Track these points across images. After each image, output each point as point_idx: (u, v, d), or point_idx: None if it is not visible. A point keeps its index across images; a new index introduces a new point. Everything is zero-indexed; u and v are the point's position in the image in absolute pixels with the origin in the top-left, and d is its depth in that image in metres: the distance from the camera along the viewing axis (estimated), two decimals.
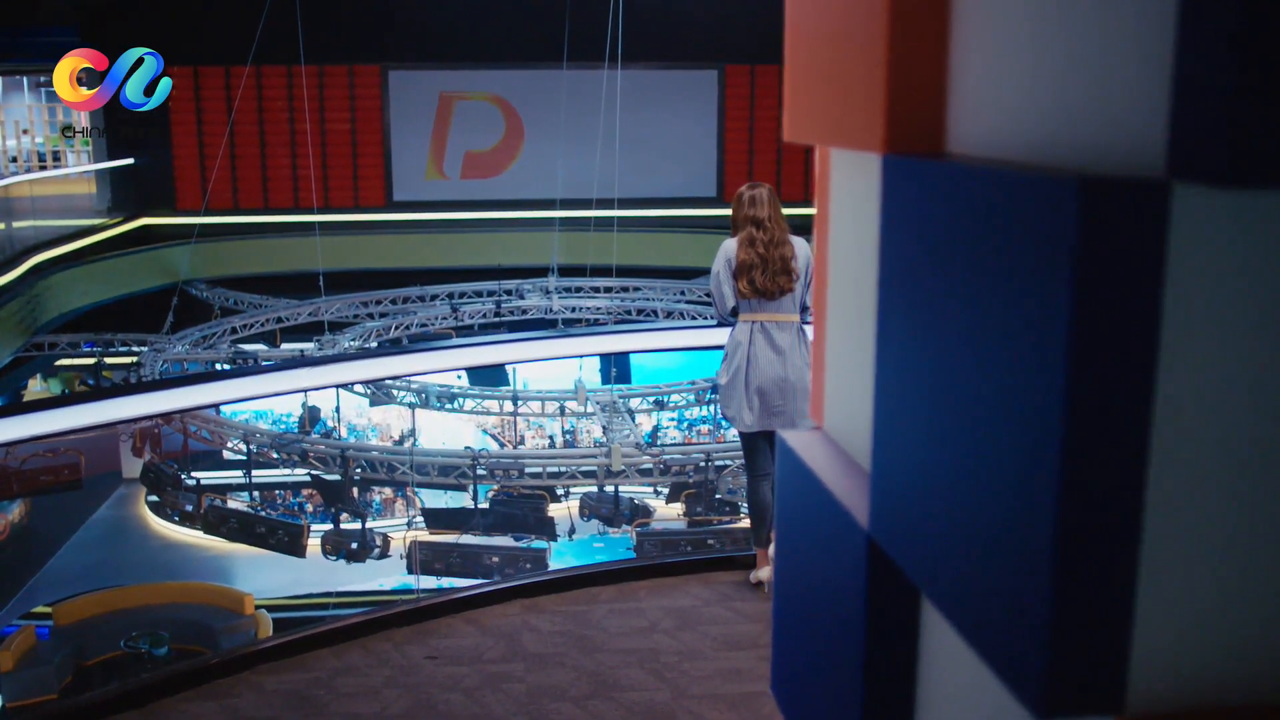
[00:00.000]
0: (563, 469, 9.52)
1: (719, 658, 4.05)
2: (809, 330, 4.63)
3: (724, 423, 17.43)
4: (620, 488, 10.27)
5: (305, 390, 5.15)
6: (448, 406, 11.72)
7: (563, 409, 11.71)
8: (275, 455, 11.07)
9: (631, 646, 4.14)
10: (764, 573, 4.57)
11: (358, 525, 10.53)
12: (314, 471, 10.54)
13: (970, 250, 1.25)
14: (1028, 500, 1.08)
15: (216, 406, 9.36)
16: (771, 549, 4.51)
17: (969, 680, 1.38)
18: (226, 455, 13.59)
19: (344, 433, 14.23)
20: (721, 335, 6.07)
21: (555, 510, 10.47)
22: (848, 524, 1.73)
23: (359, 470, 9.92)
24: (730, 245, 4.59)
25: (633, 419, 11.22)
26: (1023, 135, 1.30)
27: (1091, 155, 1.13)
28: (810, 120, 2.05)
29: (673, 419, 14.91)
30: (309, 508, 16.34)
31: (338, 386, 8.58)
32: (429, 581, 10.65)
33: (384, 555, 9.99)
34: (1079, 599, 1.05)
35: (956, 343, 1.30)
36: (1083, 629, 1.05)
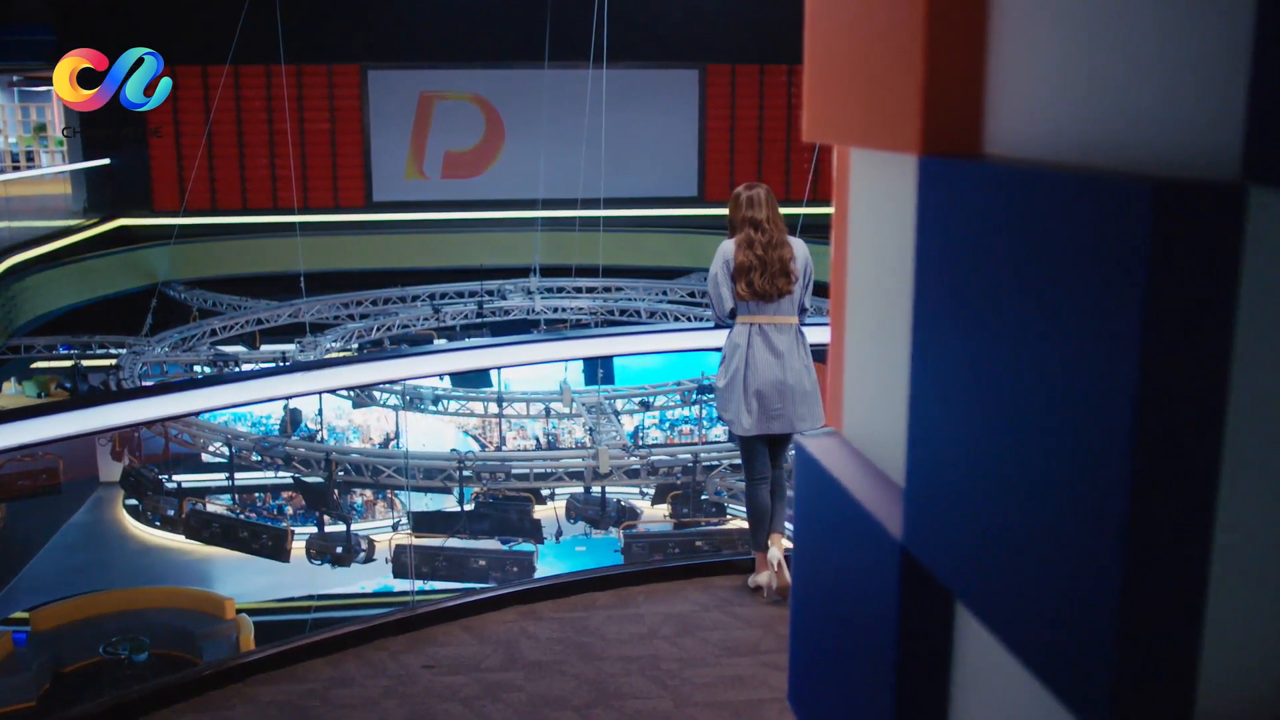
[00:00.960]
0: (550, 470, 9.46)
1: (721, 664, 4.00)
2: (808, 333, 4.60)
3: (705, 423, 17.42)
4: (606, 489, 10.21)
5: (298, 395, 5.08)
6: (432, 409, 11.63)
7: (548, 410, 11.65)
8: (256, 458, 10.95)
9: (632, 653, 4.09)
10: (763, 577, 4.52)
11: (341, 529, 10.44)
12: (298, 475, 10.44)
13: (1026, 254, 1.21)
14: (1093, 514, 1.04)
15: (208, 412, 9.28)
16: (771, 553, 4.47)
17: (1007, 689, 1.35)
18: (205, 458, 13.47)
19: (324, 435, 14.13)
20: (708, 336, 6.04)
21: (541, 512, 10.41)
22: (878, 534, 1.69)
23: (342, 473, 9.82)
24: (728, 247, 4.54)
25: (618, 420, 11.17)
26: (1069, 136, 1.27)
27: (1152, 157, 1.10)
28: (833, 121, 2.01)
29: (654, 419, 14.87)
30: (289, 510, 16.22)
31: (328, 391, 8.50)
32: (430, 585, 10.59)
33: (369, 559, 9.91)
34: (1147, 617, 1.01)
35: (1009, 349, 1.26)
36: (1151, 648, 1.02)
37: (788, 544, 4.36)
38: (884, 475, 1.89)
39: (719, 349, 4.74)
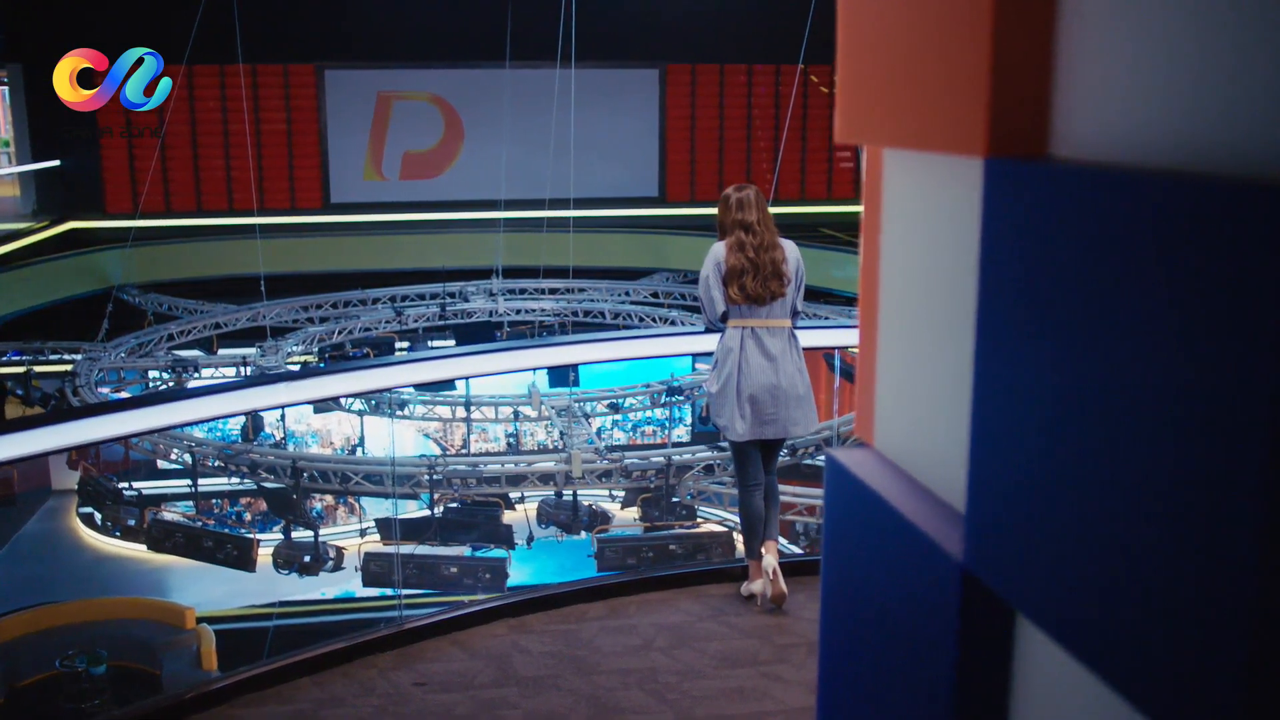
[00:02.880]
0: (523, 473, 9.34)
1: (720, 676, 3.92)
2: (800, 336, 4.53)
3: (670, 424, 17.35)
4: (577, 492, 10.11)
5: (282, 406, 4.93)
6: (398, 414, 11.46)
7: (517, 414, 11.52)
8: (212, 464, 10.72)
9: (628, 666, 3.99)
10: (757, 585, 4.45)
11: (307, 537, 10.24)
12: (262, 482, 10.24)
13: (1123, 262, 1.14)
14: (1208, 540, 0.97)
15: (191, 425, 9.08)
16: (767, 561, 4.40)
17: (1070, 702, 1.29)
18: (162, 465, 13.19)
19: (279, 438, 13.90)
20: (697, 341, 5.96)
21: (511, 517, 10.28)
22: (932, 553, 1.61)
23: (307, 478, 9.63)
24: (719, 249, 4.45)
25: (589, 423, 11.07)
26: (1141, 136, 1.20)
27: (1248, 158, 1.04)
28: (872, 122, 1.93)
29: (616, 420, 14.77)
30: (247, 516, 15.94)
31: (289, 406, 8.33)
32: (394, 590, 10.40)
33: (338, 568, 9.73)
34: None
35: (1098, 361, 1.18)
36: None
37: (793, 548, 4.29)
38: (927, 490, 1.82)
39: (704, 353, 4.66)
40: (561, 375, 10.96)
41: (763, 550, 4.43)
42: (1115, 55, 1.27)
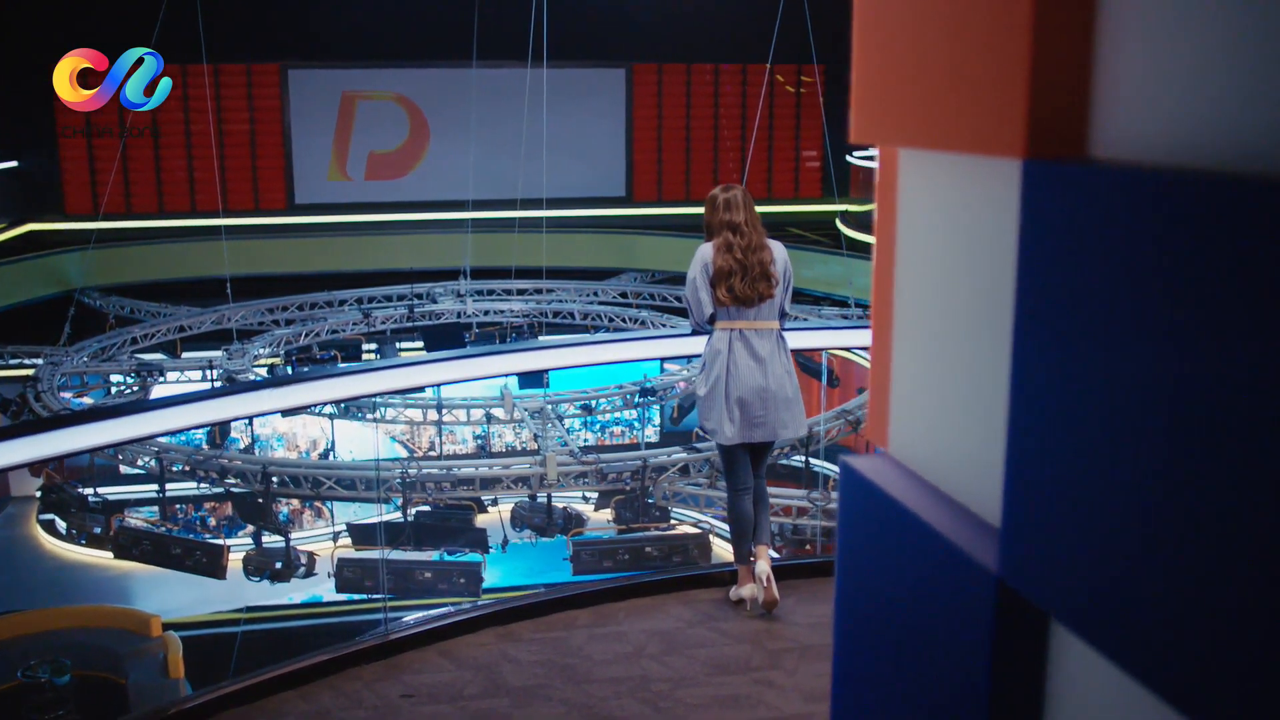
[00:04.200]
0: (498, 476, 9.25)
1: (713, 684, 3.87)
2: (788, 338, 4.49)
3: (636, 424, 17.31)
4: (551, 495, 10.03)
5: (267, 413, 4.84)
6: (368, 417, 11.34)
7: (489, 417, 11.43)
8: (177, 469, 10.55)
9: (619, 674, 3.93)
10: (747, 590, 4.40)
11: (277, 542, 10.10)
12: (232, 488, 10.09)
13: (1174, 268, 1.11)
14: (1259, 545, 0.95)
15: (171, 434, 8.95)
16: (760, 566, 4.35)
17: (1106, 705, 1.25)
18: (124, 470, 12.97)
19: (246, 443, 13.72)
20: (682, 343, 5.92)
21: (484, 520, 10.19)
22: (964, 564, 1.57)
23: (277, 483, 9.49)
24: (706, 250, 4.40)
25: (564, 425, 10.99)
26: (1180, 137, 1.18)
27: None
28: (891, 122, 1.89)
29: (585, 421, 14.68)
30: (212, 521, 15.73)
31: (258, 415, 8.20)
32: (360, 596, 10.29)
33: (310, 574, 9.60)
34: None
35: (1151, 369, 1.15)
36: None
37: (774, 553, 4.25)
38: (949, 497, 1.78)
39: (680, 356, 4.61)
40: (533, 377, 10.87)
41: (755, 555, 4.39)
42: (1155, 55, 1.24)
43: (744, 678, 3.91)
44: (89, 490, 10.95)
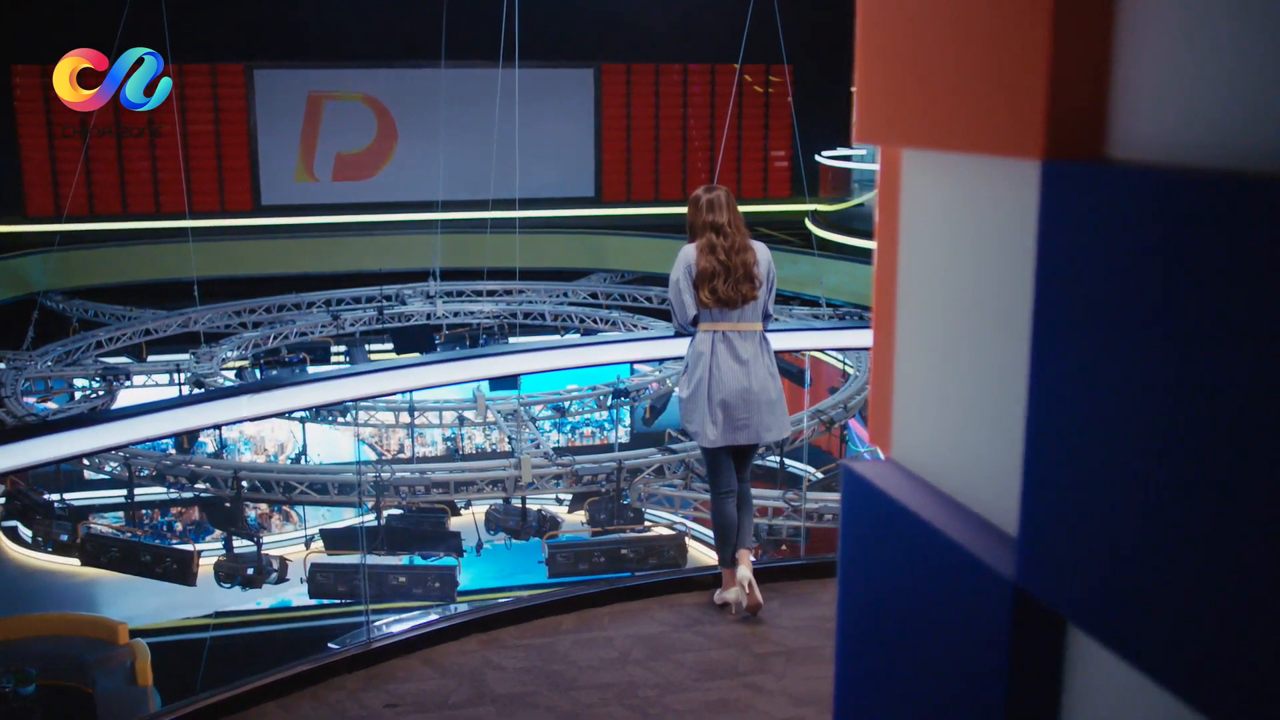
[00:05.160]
0: (472, 479, 9.18)
1: (700, 689, 3.83)
2: (771, 339, 4.46)
3: (607, 425, 17.25)
4: (526, 498, 9.97)
5: (245, 420, 4.76)
6: (339, 420, 11.23)
7: (461, 419, 11.35)
8: (142, 473, 10.38)
9: (606, 681, 3.89)
10: (731, 594, 4.37)
11: (247, 547, 9.97)
12: (202, 493, 9.95)
13: (1199, 270, 1.09)
14: None
15: (150, 441, 8.81)
16: (741, 571, 4.32)
17: (1123, 705, 1.24)
18: (88, 475, 12.78)
19: (213, 448, 13.54)
20: (665, 346, 5.88)
21: (457, 523, 10.12)
22: (982, 573, 1.55)
23: (248, 487, 9.38)
24: (689, 252, 4.37)
25: (538, 427, 10.93)
26: (1200, 136, 1.17)
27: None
28: (896, 122, 1.86)
29: (555, 422, 14.60)
30: (178, 526, 15.53)
31: (228, 424, 8.10)
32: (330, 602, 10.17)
33: (282, 579, 9.48)
34: None
35: (1173, 373, 1.13)
36: None
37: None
38: (956, 502, 1.76)
39: (654, 359, 4.57)
40: (505, 378, 10.79)
41: (738, 559, 4.36)
42: (1175, 52, 1.22)
43: (732, 682, 3.88)
44: (55, 496, 10.77)
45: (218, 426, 8.92)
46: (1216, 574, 1.01)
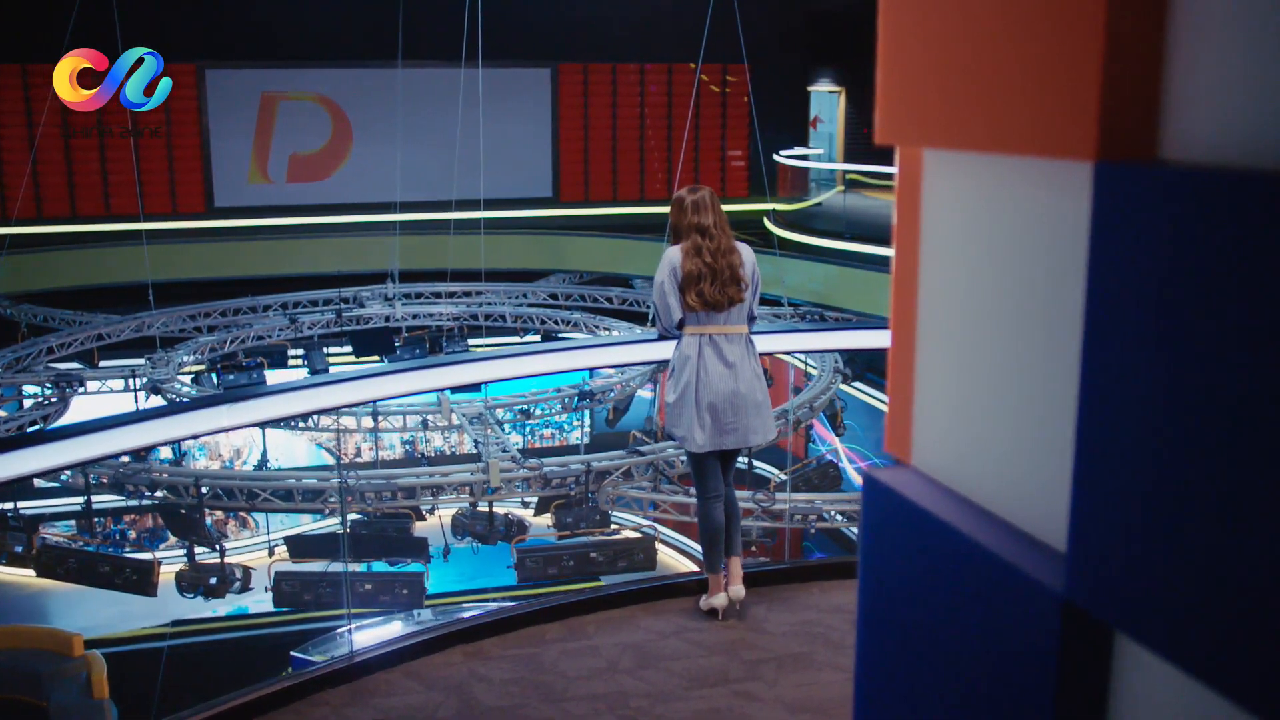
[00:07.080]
0: (440, 484, 9.07)
1: (693, 698, 3.78)
2: (757, 341, 4.41)
3: (566, 426, 17.16)
4: (493, 502, 9.87)
5: (224, 430, 4.62)
6: (301, 425, 11.06)
7: (425, 423, 11.22)
8: (95, 480, 10.15)
9: (596, 691, 3.83)
10: (718, 599, 4.32)
11: (206, 553, 9.78)
12: (159, 500, 9.75)
13: (1259, 275, 1.06)
14: None
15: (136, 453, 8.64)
16: (735, 589, 4.28)
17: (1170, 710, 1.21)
18: (37, 483, 12.50)
19: (167, 454, 13.30)
20: (650, 349, 5.83)
21: (423, 528, 9.98)
22: (1027, 587, 1.51)
23: (209, 494, 9.20)
24: (674, 254, 4.31)
25: (505, 430, 10.83)
26: (1255, 137, 1.14)
27: None
28: (926, 122, 1.81)
29: (513, 426, 14.50)
30: (131, 534, 15.24)
31: (189, 438, 7.93)
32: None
33: (245, 589, 9.31)
34: None
35: (1234, 379, 1.10)
36: None
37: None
38: (990, 514, 1.72)
39: (654, 361, 4.51)
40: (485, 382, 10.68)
41: (727, 566, 4.31)
42: (1228, 49, 1.19)
43: (723, 690, 3.83)
44: (8, 505, 10.53)
45: (196, 437, 8.76)
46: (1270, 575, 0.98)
